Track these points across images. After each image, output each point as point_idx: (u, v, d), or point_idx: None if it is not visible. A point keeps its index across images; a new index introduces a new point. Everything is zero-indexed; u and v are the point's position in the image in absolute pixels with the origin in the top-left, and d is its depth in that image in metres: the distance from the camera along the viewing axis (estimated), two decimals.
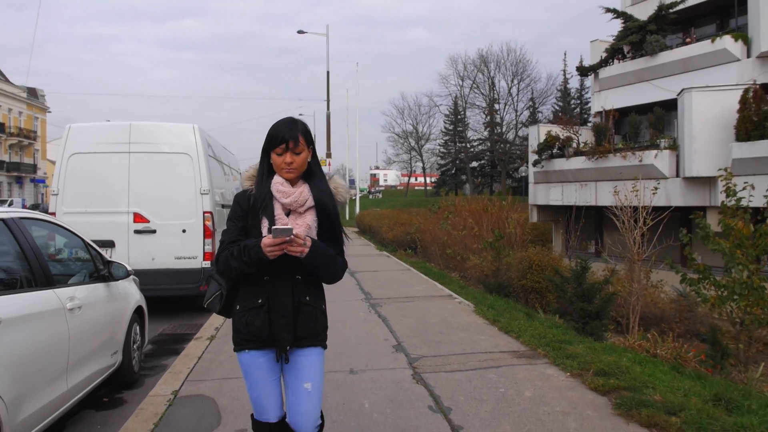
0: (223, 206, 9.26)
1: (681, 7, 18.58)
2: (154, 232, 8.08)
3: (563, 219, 18.62)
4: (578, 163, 17.19)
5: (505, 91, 57.15)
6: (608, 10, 19.89)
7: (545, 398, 4.29)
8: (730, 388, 4.37)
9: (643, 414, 3.83)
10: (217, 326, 6.98)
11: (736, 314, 7.81)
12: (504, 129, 57.80)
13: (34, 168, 57.23)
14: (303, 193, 2.56)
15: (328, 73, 40.70)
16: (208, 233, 8.20)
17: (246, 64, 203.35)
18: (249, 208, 2.60)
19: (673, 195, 14.80)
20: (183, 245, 8.11)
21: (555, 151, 17.87)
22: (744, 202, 8.00)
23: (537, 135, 19.15)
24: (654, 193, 8.53)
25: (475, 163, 61.89)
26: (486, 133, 59.27)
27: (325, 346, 2.68)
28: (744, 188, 8.42)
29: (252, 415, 2.70)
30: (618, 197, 8.10)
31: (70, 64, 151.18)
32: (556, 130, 18.43)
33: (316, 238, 2.55)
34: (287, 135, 2.53)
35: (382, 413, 4.07)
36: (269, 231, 2.44)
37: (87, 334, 4.34)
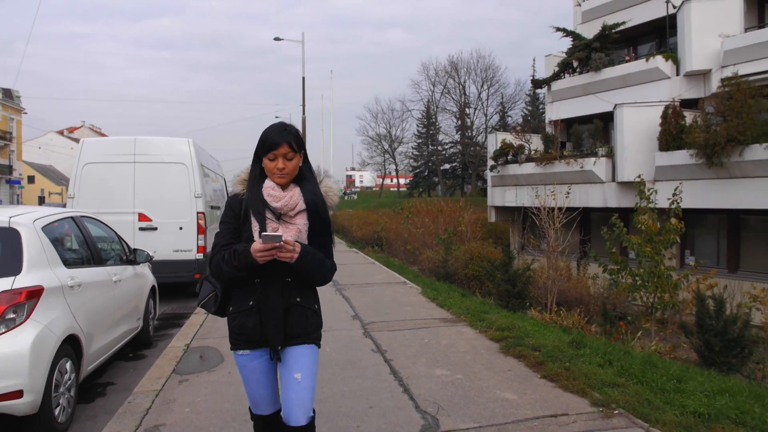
0: (212, 207, 10.87)
1: (624, 27, 20.58)
2: (155, 229, 9.64)
3: (518, 219, 20.51)
4: (529, 168, 19.07)
5: (475, 96, 59.25)
6: (558, 29, 21.82)
7: (455, 345, 6.02)
8: (582, 335, 6.15)
9: (516, 350, 5.58)
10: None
11: (646, 299, 9.63)
12: (474, 132, 59.86)
13: (9, 169, 57.67)
14: (293, 197, 2.63)
15: (303, 79, 42.16)
16: (200, 230, 9.80)
17: (223, 64, 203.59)
18: (240, 211, 2.66)
19: (609, 197, 16.75)
20: (180, 240, 9.69)
21: (509, 157, 19.74)
22: (665, 205, 9.87)
23: (495, 142, 21.02)
24: (567, 197, 10.34)
25: (447, 166, 63.84)
26: (457, 137, 61.28)
27: (318, 345, 2.76)
28: (655, 192, 10.29)
29: (249, 408, 2.86)
30: (539, 200, 9.89)
31: (42, 62, 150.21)
32: (510, 138, 20.30)
33: (306, 241, 2.64)
34: (279, 140, 2.59)
35: (339, 353, 5.77)
36: (260, 236, 2.52)
37: (123, 301, 5.95)
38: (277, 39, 41.94)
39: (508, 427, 3.87)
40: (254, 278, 2.62)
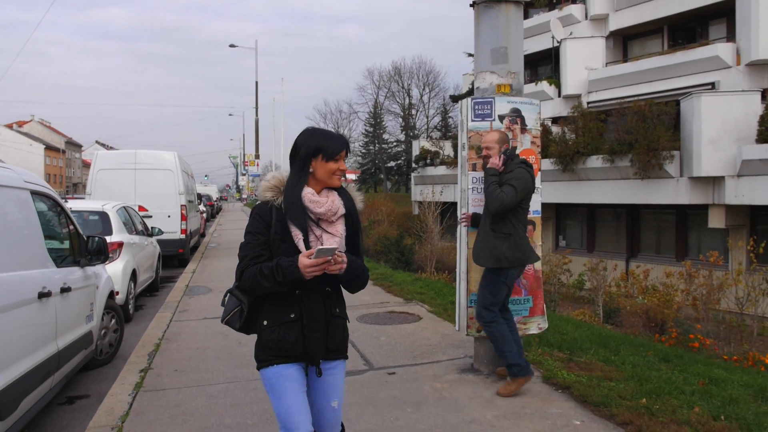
0: (190, 202, 14.74)
1: (525, 54, 25.07)
2: (150, 216, 13.47)
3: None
4: (442, 170, 23.42)
5: (418, 98, 63.79)
6: (470, 54, 26.24)
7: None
8: (424, 279, 10.40)
9: (381, 283, 9.76)
10: (193, 269, 12.50)
11: None
12: (417, 132, 64.37)
13: None
14: (335, 201, 2.53)
15: (256, 83, 45.86)
16: (183, 218, 13.69)
17: (175, 57, 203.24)
18: (271, 221, 2.49)
19: None
20: (168, 225, 13.52)
21: (428, 161, 24.05)
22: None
23: (416, 148, 25.34)
24: (441, 194, 14.59)
25: (392, 163, 68.25)
26: (402, 136, 65.73)
27: (347, 357, 2.68)
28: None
29: None
30: (423, 196, 14.13)
31: None
32: (428, 145, 24.63)
33: (344, 248, 2.54)
34: (341, 145, 2.54)
35: None
36: (306, 247, 2.42)
37: (148, 258, 9.88)
38: (232, 46, 45.50)
39: (361, 308, 7.99)
40: (295, 289, 2.44)
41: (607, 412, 4.02)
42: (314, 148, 2.52)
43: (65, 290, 4.65)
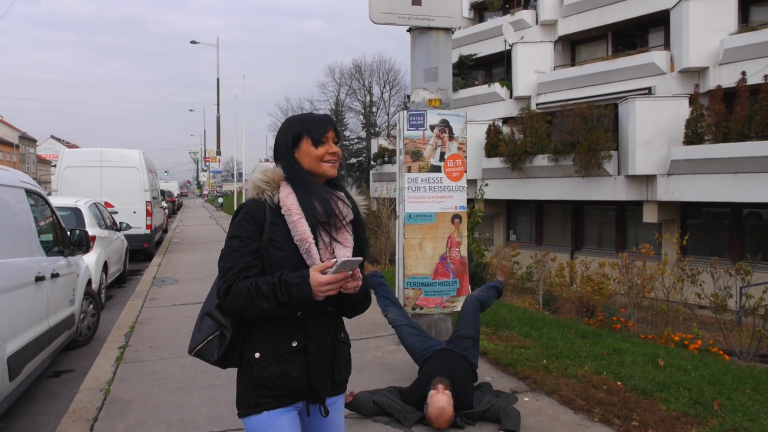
0: (154, 198, 15.29)
1: (478, 56, 26.14)
2: (116, 212, 13.97)
3: (392, 207, 25.81)
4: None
5: (378, 96, 64.64)
6: None
7: None
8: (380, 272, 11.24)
9: None
10: (159, 262, 13.10)
11: None
12: (378, 129, 65.24)
13: None
14: (343, 200, 2.07)
15: (218, 80, 46.06)
16: (148, 213, 14.25)
17: (133, 50, 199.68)
18: (266, 224, 1.98)
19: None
20: (134, 220, 14.05)
21: (385, 159, 24.90)
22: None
23: (375, 146, 26.16)
24: (395, 191, 15.47)
25: (354, 160, 69.01)
26: (363, 134, 66.51)
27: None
28: (485, 185, 15.49)
29: None
30: (379, 193, 14.96)
31: None
32: (386, 143, 25.49)
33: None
34: (326, 123, 2.08)
35: None
36: (318, 260, 1.94)
37: (117, 251, 10.49)
38: (193, 42, 45.62)
39: None
40: (296, 311, 1.94)
41: (513, 370, 4.93)
42: (294, 136, 2.06)
43: (54, 276, 5.35)
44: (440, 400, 3.71)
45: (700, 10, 16.65)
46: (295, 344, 1.98)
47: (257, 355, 1.98)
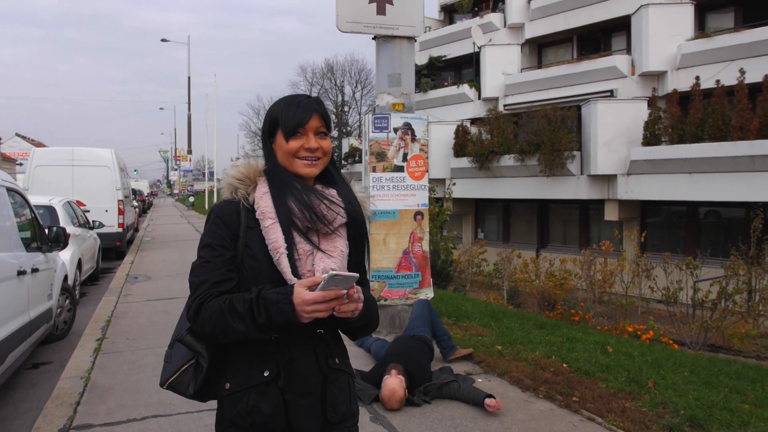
0: (126, 197, 15.41)
1: (447, 58, 26.63)
2: (88, 211, 14.08)
3: None
4: None
5: (350, 96, 64.93)
6: None
7: None
8: None
9: None
10: (131, 260, 13.25)
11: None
12: (350, 129, 65.55)
13: None
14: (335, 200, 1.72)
15: (189, 78, 45.86)
16: (120, 212, 14.37)
17: (101, 46, 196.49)
18: (240, 229, 1.67)
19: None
20: (106, 219, 14.17)
21: (356, 158, 25.23)
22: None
23: (347, 145, 26.48)
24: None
25: None
26: (335, 133, 66.76)
27: (357, 422, 1.80)
28: (453, 184, 15.89)
29: None
30: None
31: None
32: (356, 143, 25.82)
33: (346, 270, 1.67)
34: (306, 110, 1.70)
35: None
36: (292, 267, 1.61)
37: (90, 248, 10.66)
38: (164, 40, 45.34)
39: None
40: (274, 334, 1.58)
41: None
42: (270, 122, 1.75)
43: (35, 270, 5.58)
44: (392, 383, 4.07)
45: (659, 16, 17.32)
46: (266, 374, 1.62)
47: (228, 385, 1.67)
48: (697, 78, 14.98)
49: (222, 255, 1.65)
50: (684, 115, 14.77)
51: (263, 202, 1.70)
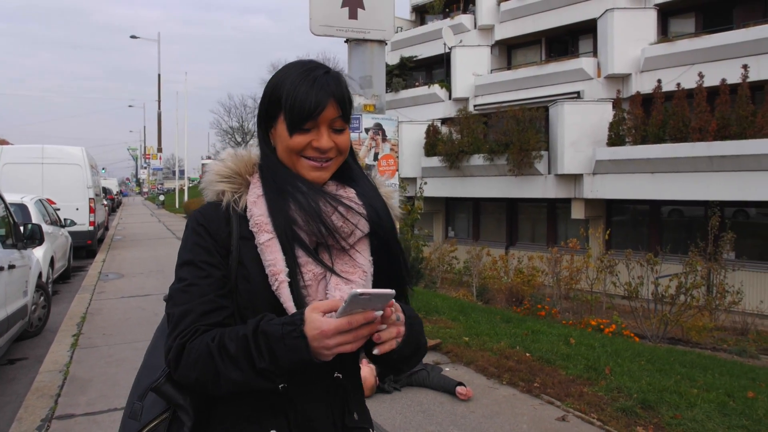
0: (97, 195, 15.35)
1: (419, 58, 26.92)
2: (59, 209, 14.01)
3: None
4: None
5: None
6: None
7: None
8: None
9: None
10: (103, 259, 13.24)
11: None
12: None
13: None
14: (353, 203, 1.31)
15: (159, 76, 45.47)
16: (91, 210, 14.34)
17: (68, 41, 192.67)
18: (232, 240, 1.27)
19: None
20: (77, 217, 14.12)
21: None
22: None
23: None
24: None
25: None
26: None
27: None
28: (425, 183, 16.10)
29: None
30: None
31: None
32: None
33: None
34: (322, 94, 1.25)
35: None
36: (294, 294, 1.21)
37: (62, 247, 10.66)
38: (133, 37, 44.86)
39: None
40: (281, 382, 1.17)
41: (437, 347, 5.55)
42: (269, 102, 1.30)
43: (11, 267, 5.67)
44: (363, 371, 4.28)
45: (624, 20, 17.82)
46: None
47: None
48: (659, 81, 15.50)
49: (210, 275, 1.23)
50: (647, 117, 15.26)
51: (257, 208, 1.28)
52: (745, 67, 13.79)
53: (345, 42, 6.30)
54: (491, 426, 3.81)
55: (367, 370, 4.28)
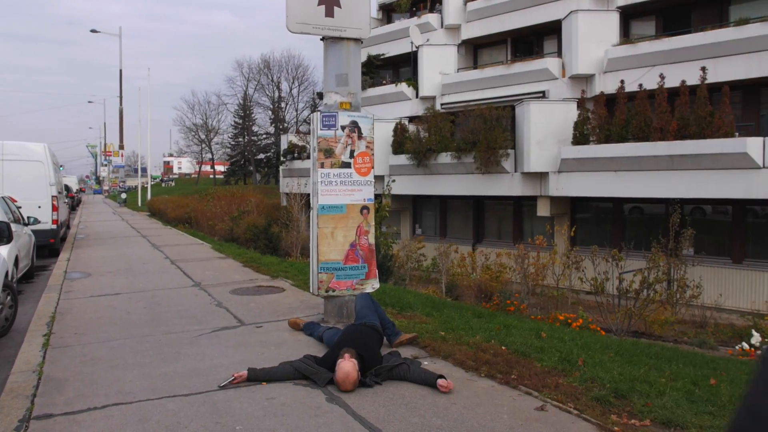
0: (59, 193, 15.01)
1: (386, 56, 26.98)
2: (20, 207, 13.67)
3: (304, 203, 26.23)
4: (308, 164, 24.72)
5: (287, 92, 64.52)
6: None
7: (221, 265, 11.26)
8: (287, 262, 11.76)
9: (251, 264, 10.98)
10: (67, 257, 12.97)
11: None
12: (287, 125, 65.10)
13: None
14: None
15: (120, 71, 44.61)
16: (54, 208, 14.03)
17: (25, 34, 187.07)
18: None
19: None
20: (39, 215, 13.81)
21: (295, 155, 25.28)
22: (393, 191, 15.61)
23: (284, 142, 26.47)
24: (305, 186, 15.98)
25: (262, 155, 68.48)
26: (272, 129, 66.15)
27: None
28: (393, 181, 16.16)
29: None
30: (290, 188, 15.40)
31: None
32: (296, 139, 25.88)
33: None
34: None
35: (156, 270, 10.76)
36: None
37: (25, 246, 10.43)
38: (93, 31, 43.90)
39: (233, 284, 9.18)
40: None
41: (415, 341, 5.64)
42: None
43: None
44: (346, 366, 4.34)
45: (587, 22, 18.21)
46: None
47: None
48: (622, 81, 15.87)
49: None
50: (610, 117, 15.63)
51: None
52: (703, 69, 14.23)
53: (321, 40, 6.33)
54: (473, 416, 3.90)
55: (350, 365, 4.33)
